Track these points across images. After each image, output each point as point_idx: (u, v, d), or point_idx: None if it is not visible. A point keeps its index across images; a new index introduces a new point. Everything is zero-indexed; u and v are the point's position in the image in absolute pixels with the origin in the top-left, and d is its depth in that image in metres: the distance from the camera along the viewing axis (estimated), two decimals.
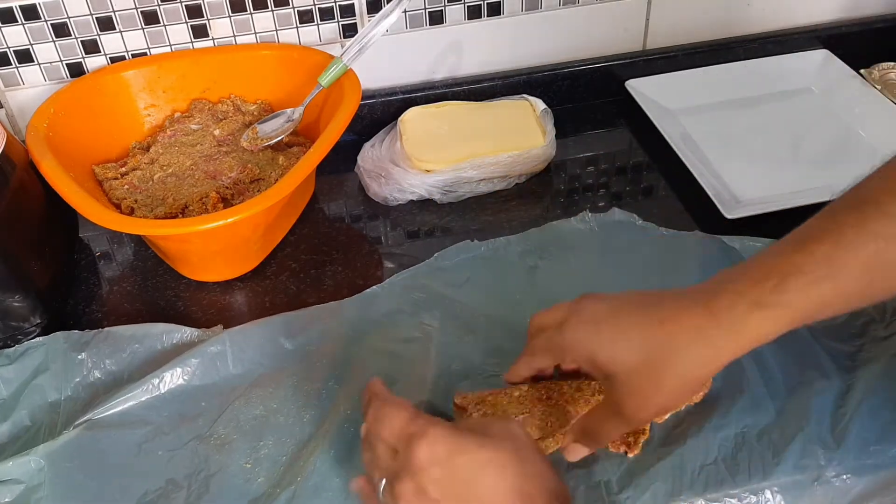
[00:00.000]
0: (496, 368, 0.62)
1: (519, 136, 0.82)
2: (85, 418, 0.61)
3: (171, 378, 0.63)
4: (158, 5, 0.80)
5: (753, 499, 0.53)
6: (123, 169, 0.78)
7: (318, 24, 0.85)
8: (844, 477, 0.54)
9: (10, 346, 0.67)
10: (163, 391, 0.62)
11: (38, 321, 0.68)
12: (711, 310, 0.45)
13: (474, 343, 0.64)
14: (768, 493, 0.53)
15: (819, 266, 0.44)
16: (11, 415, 0.62)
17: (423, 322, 0.66)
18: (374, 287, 0.70)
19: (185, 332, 0.67)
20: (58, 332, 0.67)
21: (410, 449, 0.45)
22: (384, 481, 0.46)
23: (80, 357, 0.65)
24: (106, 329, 0.67)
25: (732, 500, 0.53)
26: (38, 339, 0.67)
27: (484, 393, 0.56)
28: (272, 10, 0.83)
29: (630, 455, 0.55)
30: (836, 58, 0.92)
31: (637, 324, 0.47)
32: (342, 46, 0.84)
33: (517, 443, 0.46)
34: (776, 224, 0.72)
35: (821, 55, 0.93)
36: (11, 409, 0.62)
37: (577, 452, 0.53)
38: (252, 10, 0.82)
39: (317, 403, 0.61)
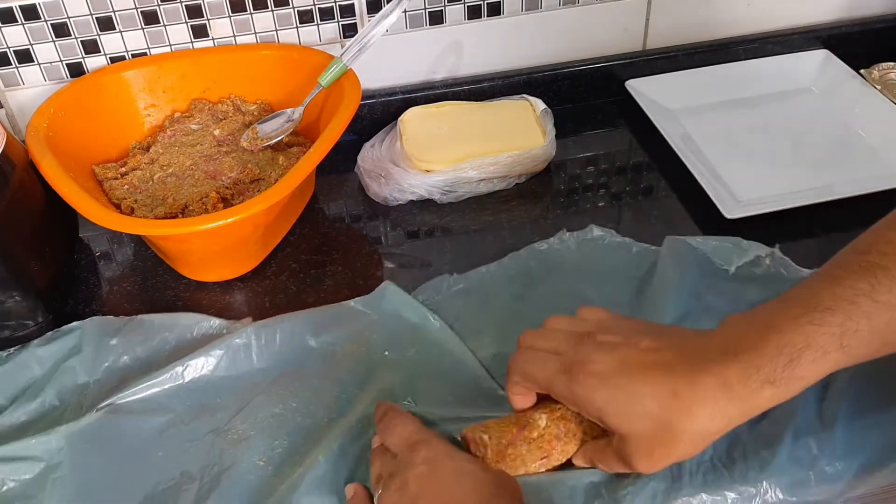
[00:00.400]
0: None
1: (519, 136, 0.82)
2: (108, 402, 0.61)
3: (196, 368, 0.63)
4: (158, 5, 0.80)
5: (752, 491, 0.53)
6: (123, 169, 0.78)
7: (318, 24, 0.85)
8: (837, 464, 0.54)
9: (11, 347, 0.67)
10: (186, 380, 0.63)
11: (39, 321, 0.68)
12: (725, 383, 0.45)
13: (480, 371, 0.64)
14: (766, 485, 0.54)
15: (833, 339, 0.44)
16: (41, 394, 0.63)
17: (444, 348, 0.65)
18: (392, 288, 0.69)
19: (214, 323, 0.68)
20: (94, 317, 0.68)
21: (411, 452, 0.50)
22: (380, 491, 0.50)
23: (112, 342, 0.66)
24: (139, 316, 0.68)
25: (732, 495, 0.53)
26: (75, 322, 0.68)
27: (501, 441, 0.53)
28: (272, 10, 0.83)
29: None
30: (836, 58, 0.92)
31: (650, 393, 0.47)
32: (342, 46, 0.84)
33: (504, 477, 0.50)
34: (776, 224, 0.73)
35: (821, 55, 0.93)
36: (41, 388, 0.63)
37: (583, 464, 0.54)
38: (252, 10, 0.82)
39: (336, 406, 0.61)
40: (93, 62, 0.82)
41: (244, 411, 0.61)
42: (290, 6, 0.83)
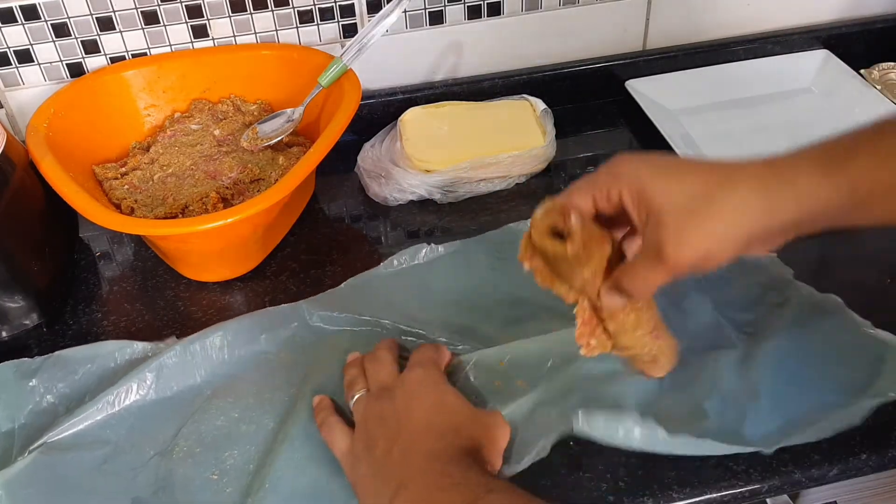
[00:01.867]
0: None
1: (519, 136, 0.82)
2: (39, 442, 0.59)
3: (127, 394, 0.61)
4: (158, 5, 0.80)
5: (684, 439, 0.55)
6: (123, 169, 0.78)
7: (318, 24, 0.85)
8: (763, 423, 0.56)
9: (11, 346, 0.67)
10: (119, 408, 0.61)
11: (38, 321, 0.68)
12: (773, 165, 0.44)
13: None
14: (698, 432, 0.56)
15: (892, 149, 0.42)
16: None
17: (381, 323, 0.66)
18: (331, 290, 0.70)
19: (138, 347, 0.65)
20: (7, 362, 0.65)
21: (409, 370, 0.57)
22: (360, 394, 0.58)
23: (30, 384, 0.63)
24: (56, 353, 0.65)
25: (665, 445, 0.55)
26: None
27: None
28: (272, 10, 0.83)
29: (648, 377, 0.55)
30: (836, 58, 0.92)
31: (693, 169, 0.45)
32: (342, 46, 0.84)
33: (482, 414, 0.55)
34: None
35: (821, 55, 0.93)
36: None
37: (613, 300, 0.50)
38: (252, 10, 0.82)
39: (280, 410, 0.61)
40: (93, 62, 0.82)
41: (186, 428, 0.60)
42: (290, 6, 0.83)
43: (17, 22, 0.78)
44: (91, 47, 0.81)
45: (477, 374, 0.61)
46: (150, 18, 0.81)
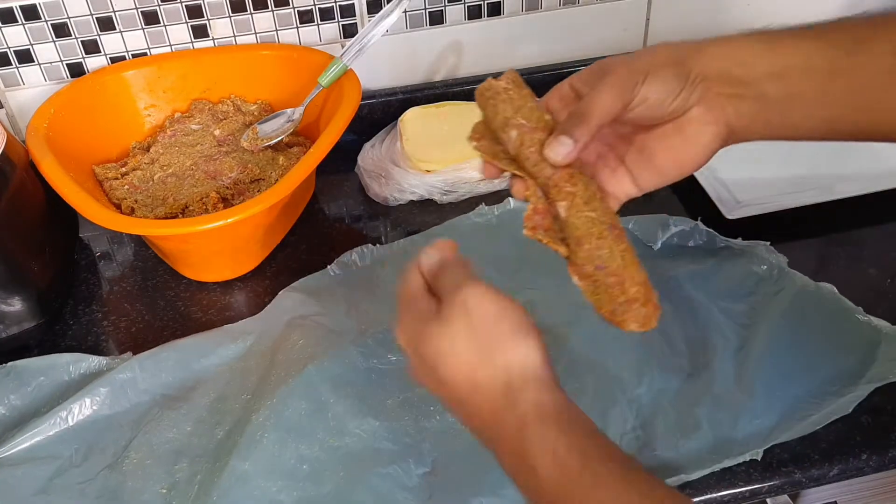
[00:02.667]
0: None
1: None
2: None
3: (80, 409, 0.61)
4: (158, 5, 0.80)
5: (675, 455, 0.56)
6: (124, 169, 0.78)
7: (318, 25, 0.85)
8: (756, 422, 0.57)
9: (11, 347, 0.67)
10: (71, 423, 0.61)
11: (38, 321, 0.68)
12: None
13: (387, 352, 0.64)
14: (693, 444, 0.56)
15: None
16: None
17: (334, 333, 0.66)
18: (283, 293, 0.70)
19: (93, 361, 0.65)
20: None
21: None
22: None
23: None
24: (9, 364, 0.65)
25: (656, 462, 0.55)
26: None
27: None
28: (272, 10, 0.83)
29: (565, 257, 0.48)
30: None
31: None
32: (342, 46, 0.84)
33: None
34: (776, 224, 0.73)
35: None
36: None
37: (557, 144, 0.47)
38: (252, 10, 0.82)
39: (231, 420, 0.61)
40: (93, 62, 0.82)
41: (136, 442, 0.60)
42: (290, 6, 0.83)
43: (17, 22, 0.78)
44: (91, 47, 0.81)
45: None
46: (151, 18, 0.81)
